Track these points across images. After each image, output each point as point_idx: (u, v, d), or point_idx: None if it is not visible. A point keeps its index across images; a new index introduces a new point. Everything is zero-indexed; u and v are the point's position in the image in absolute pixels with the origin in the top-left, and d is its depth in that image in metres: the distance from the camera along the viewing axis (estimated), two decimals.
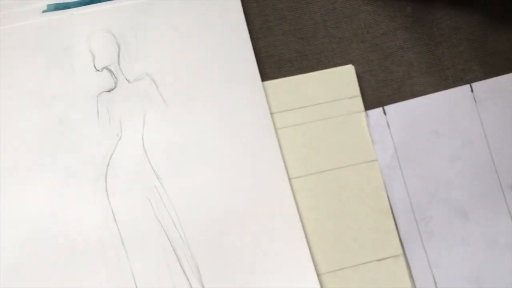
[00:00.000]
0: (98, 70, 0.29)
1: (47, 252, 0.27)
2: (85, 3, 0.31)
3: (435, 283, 0.31)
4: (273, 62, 0.33)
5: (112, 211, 0.28)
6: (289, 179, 0.30)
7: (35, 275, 0.27)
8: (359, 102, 0.32)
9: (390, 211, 0.31)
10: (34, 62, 0.29)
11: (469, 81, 0.33)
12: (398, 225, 0.31)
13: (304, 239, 0.29)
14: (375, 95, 0.33)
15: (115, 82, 0.29)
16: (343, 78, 0.33)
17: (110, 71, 0.29)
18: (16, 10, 0.31)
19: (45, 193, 0.28)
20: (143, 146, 0.29)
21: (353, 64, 0.33)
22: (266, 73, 0.33)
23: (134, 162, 0.29)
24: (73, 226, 0.28)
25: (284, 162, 0.31)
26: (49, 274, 0.27)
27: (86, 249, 0.27)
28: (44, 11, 0.31)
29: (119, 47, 0.29)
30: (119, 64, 0.29)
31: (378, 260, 0.31)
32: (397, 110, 0.32)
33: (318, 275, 0.30)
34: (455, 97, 0.33)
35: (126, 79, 0.29)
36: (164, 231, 0.28)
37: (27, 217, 0.27)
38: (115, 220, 0.28)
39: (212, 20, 0.31)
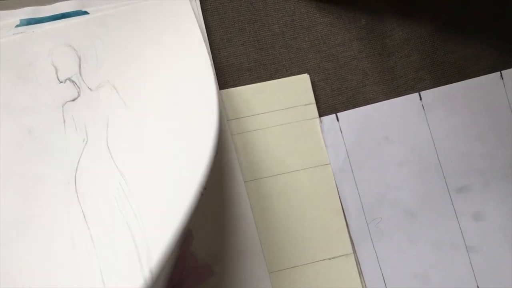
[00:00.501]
0: (61, 82, 0.32)
1: (21, 253, 0.30)
2: (57, 18, 0.34)
3: (384, 280, 0.33)
4: (233, 71, 0.36)
5: (82, 211, 0.31)
6: (245, 182, 0.33)
7: (8, 275, 0.30)
8: (313, 109, 0.35)
9: (341, 212, 0.34)
10: (3, 77, 0.32)
11: (420, 90, 0.36)
12: (349, 225, 0.34)
13: (258, 239, 0.32)
14: (330, 102, 0.36)
15: (78, 92, 0.32)
16: (299, 86, 0.36)
17: (73, 81, 0.32)
18: None
19: (19, 199, 0.31)
20: (108, 147, 0.32)
21: (309, 73, 0.36)
22: (226, 81, 0.36)
23: (100, 163, 0.32)
24: (46, 229, 0.30)
25: (240, 166, 0.33)
26: (21, 275, 0.30)
27: (58, 248, 0.30)
28: (17, 26, 0.34)
29: (79, 58, 0.32)
30: (80, 75, 0.32)
31: (330, 259, 0.34)
32: (349, 116, 0.35)
33: (273, 272, 0.32)
34: (404, 104, 0.35)
35: (88, 88, 0.32)
36: (127, 223, 0.31)
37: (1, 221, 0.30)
38: (85, 219, 0.31)
39: (170, 30, 0.34)
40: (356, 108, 0.35)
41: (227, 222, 0.33)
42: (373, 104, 0.36)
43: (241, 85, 0.36)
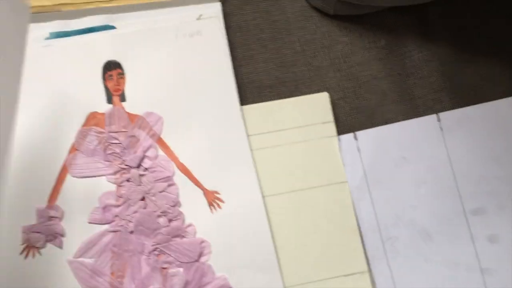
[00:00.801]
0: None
1: None
2: (84, 31, 0.36)
3: None
4: (254, 88, 0.38)
5: None
6: (263, 196, 0.35)
7: None
8: (332, 127, 0.37)
9: (357, 230, 0.35)
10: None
11: (438, 111, 0.38)
12: (365, 243, 0.35)
13: (274, 254, 0.34)
14: (348, 121, 0.38)
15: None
16: (318, 104, 0.37)
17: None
18: None
19: None
20: None
21: (329, 91, 0.37)
22: (247, 97, 0.37)
23: None
24: None
25: (259, 181, 0.35)
26: None
27: None
28: (46, 38, 0.36)
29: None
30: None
31: (345, 276, 0.35)
32: (367, 135, 0.36)
33: (289, 287, 0.34)
34: (422, 125, 0.37)
35: None
36: None
37: None
38: None
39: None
40: (375, 128, 0.37)
41: (245, 236, 0.34)
42: (391, 124, 0.37)
43: (261, 102, 0.37)
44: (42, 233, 0.33)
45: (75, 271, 0.32)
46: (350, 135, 0.37)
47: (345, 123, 0.37)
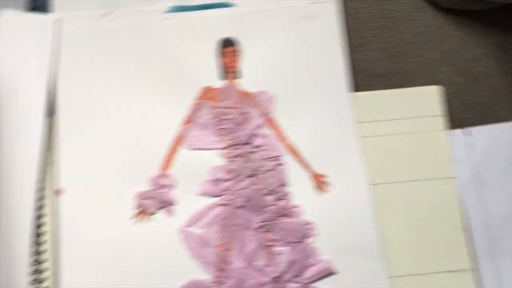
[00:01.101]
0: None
1: None
2: (202, 7, 0.37)
3: None
4: (364, 76, 0.38)
5: None
6: (372, 184, 0.35)
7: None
8: (442, 121, 0.36)
9: (464, 227, 0.35)
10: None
11: None
12: (472, 241, 0.35)
13: (378, 243, 0.34)
14: (459, 116, 0.37)
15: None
16: (429, 97, 0.37)
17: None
18: (141, 8, 0.38)
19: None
20: None
21: (439, 85, 0.37)
22: (357, 85, 0.37)
23: None
24: None
25: (367, 168, 0.35)
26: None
27: None
28: (166, 12, 0.37)
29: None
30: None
31: (448, 272, 0.34)
32: (480, 132, 0.36)
33: (391, 277, 0.34)
34: None
35: None
36: None
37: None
38: None
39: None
40: (488, 125, 0.36)
41: (350, 221, 0.34)
42: (505, 123, 0.36)
43: (370, 90, 0.37)
44: (155, 200, 0.34)
45: (185, 239, 0.33)
46: (462, 130, 0.36)
47: (455, 118, 0.37)
